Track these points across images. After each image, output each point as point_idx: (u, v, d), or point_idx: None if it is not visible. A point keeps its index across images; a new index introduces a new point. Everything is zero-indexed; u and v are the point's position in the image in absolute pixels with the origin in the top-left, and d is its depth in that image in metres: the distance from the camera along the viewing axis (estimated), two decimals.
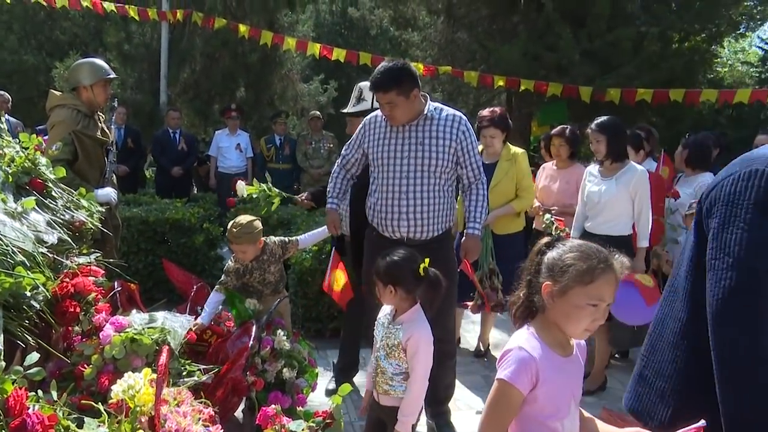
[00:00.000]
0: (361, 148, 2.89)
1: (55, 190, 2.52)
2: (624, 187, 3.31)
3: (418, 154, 2.71)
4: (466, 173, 2.82)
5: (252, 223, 2.89)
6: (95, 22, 12.52)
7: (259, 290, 2.98)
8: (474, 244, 2.86)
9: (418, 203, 2.71)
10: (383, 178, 2.76)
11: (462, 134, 2.75)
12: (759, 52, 18.03)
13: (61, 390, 1.70)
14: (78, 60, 3.70)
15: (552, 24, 7.89)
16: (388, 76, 2.62)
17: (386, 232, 2.78)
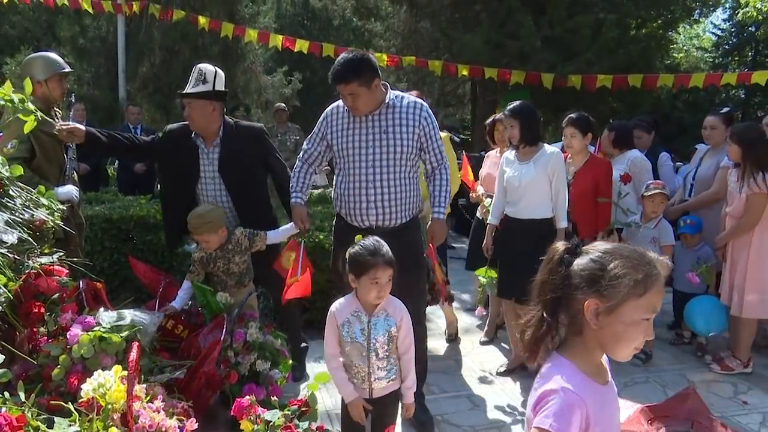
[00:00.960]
0: (324, 141, 2.88)
1: (13, 189, 2.45)
2: (542, 169, 3.31)
3: (383, 143, 2.72)
4: (429, 159, 2.86)
5: (211, 212, 2.90)
6: (47, 16, 12.12)
7: (223, 280, 2.96)
8: (440, 228, 2.88)
9: (386, 191, 2.73)
10: (349, 168, 2.76)
11: (424, 120, 2.78)
12: (712, 37, 18.62)
13: (28, 391, 1.68)
14: (30, 54, 3.58)
15: (513, 11, 8.00)
16: (348, 67, 2.62)
17: (355, 221, 2.79)
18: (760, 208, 3.43)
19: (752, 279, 3.49)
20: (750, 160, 3.45)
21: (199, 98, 3.00)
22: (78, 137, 2.97)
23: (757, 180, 3.40)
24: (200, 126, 3.08)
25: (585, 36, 7.91)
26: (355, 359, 2.07)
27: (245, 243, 3.00)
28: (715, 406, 3.11)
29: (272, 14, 14.30)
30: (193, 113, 3.03)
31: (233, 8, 11.04)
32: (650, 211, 3.75)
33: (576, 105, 8.06)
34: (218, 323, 2.53)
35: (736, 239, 3.56)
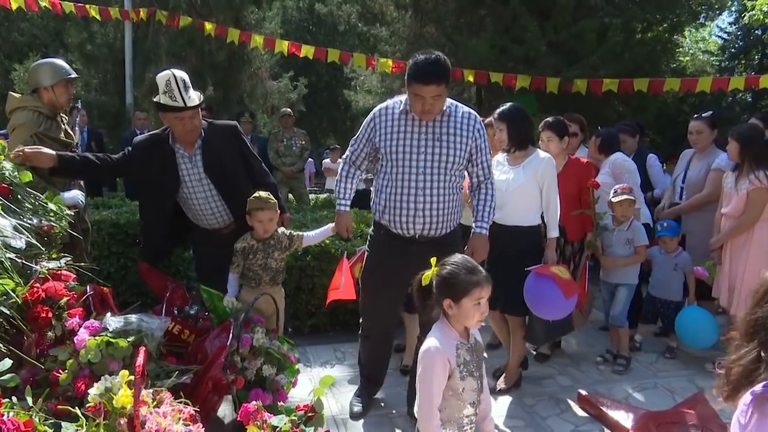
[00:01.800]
0: (371, 143, 2.77)
1: (22, 195, 2.47)
2: (531, 174, 3.22)
3: (435, 150, 2.64)
4: (476, 171, 2.79)
5: (269, 195, 2.93)
6: (55, 23, 12.23)
7: (259, 275, 2.96)
8: (482, 244, 2.78)
9: (434, 199, 2.65)
10: (398, 173, 2.67)
11: (477, 132, 2.72)
12: (718, 41, 18.55)
13: (36, 396, 1.68)
14: (37, 61, 3.61)
15: (518, 16, 7.99)
16: (440, 68, 2.52)
17: (399, 229, 2.72)
18: (761, 203, 3.44)
19: (752, 277, 3.48)
20: (748, 157, 3.48)
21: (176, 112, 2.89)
22: (44, 162, 2.79)
23: (758, 176, 3.41)
24: (194, 134, 2.99)
25: (590, 40, 7.89)
26: (468, 398, 1.79)
27: (285, 242, 3.02)
28: (724, 412, 3.08)
29: (278, 20, 14.39)
30: (195, 122, 2.94)
31: (239, 14, 11.12)
32: (620, 215, 3.74)
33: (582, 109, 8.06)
34: (225, 328, 2.53)
35: (735, 238, 3.55)
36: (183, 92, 2.86)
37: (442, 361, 1.72)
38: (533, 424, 3.01)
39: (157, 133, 3.10)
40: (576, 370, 3.73)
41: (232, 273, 2.96)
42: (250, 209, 2.89)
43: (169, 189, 3.06)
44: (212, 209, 3.11)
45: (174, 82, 2.83)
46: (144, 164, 3.04)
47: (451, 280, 1.78)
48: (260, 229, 2.91)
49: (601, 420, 3.02)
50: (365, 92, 12.70)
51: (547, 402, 3.26)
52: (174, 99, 2.85)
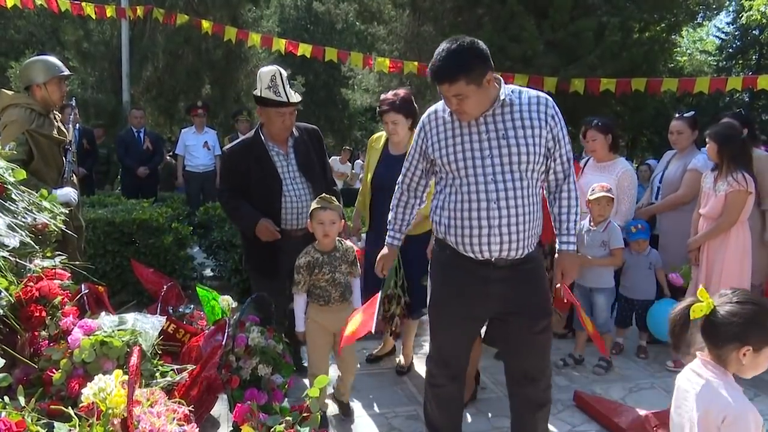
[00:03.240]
0: (425, 156, 2.31)
1: (15, 193, 2.45)
2: None
3: (502, 151, 2.14)
4: (555, 168, 2.25)
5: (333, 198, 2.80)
6: (51, 20, 12.18)
7: (327, 291, 2.74)
8: (572, 263, 2.28)
9: (511, 212, 2.14)
10: (461, 184, 2.18)
11: (552, 119, 2.19)
12: (716, 41, 18.60)
13: (29, 396, 1.67)
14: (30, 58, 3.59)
15: (516, 15, 8.00)
16: (454, 63, 2.05)
17: (469, 251, 2.19)
18: (740, 205, 3.44)
19: (729, 278, 3.48)
20: (726, 157, 3.47)
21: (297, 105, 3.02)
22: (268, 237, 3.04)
23: (737, 177, 3.41)
24: (288, 131, 3.06)
25: (588, 39, 7.90)
26: None
27: (351, 256, 2.82)
28: None
29: (275, 18, 14.36)
30: (293, 119, 3.01)
31: (236, 12, 11.09)
32: (597, 214, 3.67)
33: (579, 109, 8.07)
34: (220, 327, 2.52)
35: (713, 239, 3.54)
36: (287, 88, 2.93)
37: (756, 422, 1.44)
38: None
39: (245, 138, 3.13)
40: (572, 370, 3.72)
41: (297, 294, 2.74)
42: (313, 210, 2.72)
43: (274, 189, 3.05)
44: (304, 208, 3.07)
45: (279, 77, 2.89)
46: (244, 173, 3.05)
47: (759, 322, 1.45)
48: (320, 232, 2.69)
49: (598, 420, 3.02)
50: (363, 91, 12.69)
51: None
52: (278, 94, 2.90)
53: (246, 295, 3.29)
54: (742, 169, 3.43)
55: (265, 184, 3.04)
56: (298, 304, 2.77)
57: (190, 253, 5.00)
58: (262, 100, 2.96)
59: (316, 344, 2.81)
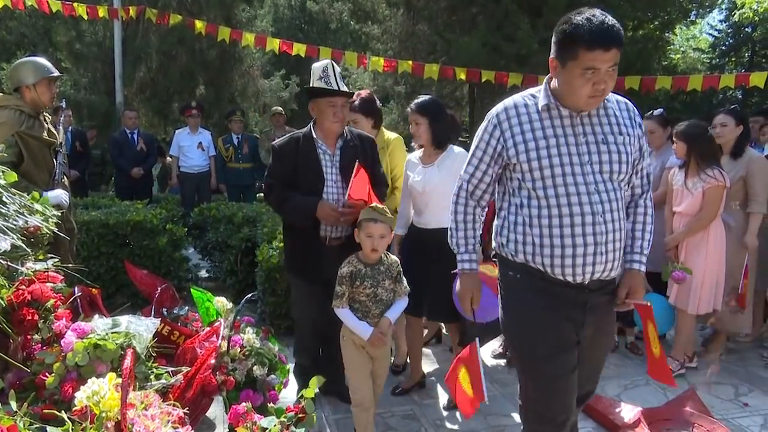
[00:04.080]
0: (500, 159, 1.96)
1: (6, 195, 2.43)
2: (447, 172, 2.98)
3: (602, 157, 1.87)
4: (635, 182, 2.02)
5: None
6: (43, 21, 12.12)
7: (367, 307, 2.53)
8: (640, 283, 2.02)
9: (615, 227, 1.88)
10: (556, 196, 1.86)
11: (639, 127, 1.98)
12: (709, 38, 18.68)
13: (21, 400, 1.65)
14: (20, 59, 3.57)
15: (510, 14, 8.00)
16: (615, 27, 1.76)
17: (564, 274, 1.88)
18: (718, 201, 3.47)
19: (710, 275, 3.52)
20: (695, 155, 3.51)
21: (350, 96, 2.95)
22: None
23: (713, 174, 3.44)
24: (340, 127, 2.92)
25: None
26: None
27: (395, 271, 2.58)
28: (715, 408, 3.10)
29: (269, 18, 14.33)
30: (345, 112, 2.91)
31: (230, 12, 11.05)
32: None
33: None
34: (214, 329, 2.50)
35: (692, 236, 3.56)
36: (339, 79, 2.85)
37: None
38: None
39: (296, 132, 3.03)
40: None
41: (340, 308, 2.52)
42: (362, 220, 2.51)
43: (316, 187, 2.88)
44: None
45: (331, 68, 2.84)
46: (291, 167, 2.92)
47: None
48: (368, 246, 2.48)
49: (594, 417, 3.02)
50: (357, 90, 12.67)
51: None
52: (329, 84, 2.83)
53: (241, 296, 3.28)
54: (714, 165, 3.47)
55: (308, 181, 2.89)
56: (347, 317, 2.52)
57: (184, 255, 4.99)
58: (313, 90, 2.88)
59: (355, 365, 2.58)
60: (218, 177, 7.14)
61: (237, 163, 7.18)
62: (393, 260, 2.59)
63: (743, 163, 3.72)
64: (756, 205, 3.68)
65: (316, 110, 2.92)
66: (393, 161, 3.50)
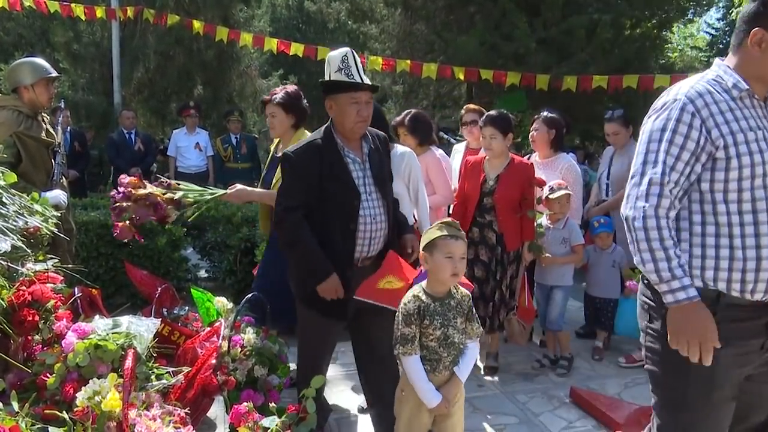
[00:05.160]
0: (704, 154, 1.61)
1: (6, 196, 2.43)
2: (395, 172, 2.83)
3: None
4: None
5: None
6: (41, 22, 12.08)
7: (437, 354, 2.05)
8: None
9: None
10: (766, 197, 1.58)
11: None
12: (706, 36, 18.73)
13: (23, 401, 1.65)
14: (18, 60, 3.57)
15: (507, 13, 8.00)
16: None
17: (752, 291, 1.58)
18: None
19: None
20: None
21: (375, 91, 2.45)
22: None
23: None
24: (364, 128, 2.45)
25: (579, 37, 7.91)
26: None
27: (465, 306, 2.13)
28: None
29: (267, 18, 14.31)
30: (369, 110, 2.42)
31: (228, 12, 11.02)
32: (558, 212, 3.62)
33: (571, 106, 8.07)
34: (215, 329, 2.50)
35: None
36: (361, 71, 2.39)
37: None
38: (526, 421, 3.01)
39: (312, 138, 2.45)
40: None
41: (410, 355, 2.02)
42: (436, 239, 2.04)
43: (351, 205, 2.39)
44: (376, 230, 2.45)
45: (352, 58, 2.37)
46: (314, 183, 2.37)
47: None
48: (448, 270, 2.02)
49: (594, 415, 3.03)
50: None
51: (540, 398, 3.27)
52: (351, 76, 2.36)
53: (241, 296, 3.28)
54: None
55: (340, 199, 2.38)
56: (415, 371, 2.02)
57: (184, 255, 4.98)
58: (332, 84, 2.38)
59: (413, 428, 2.10)
60: (216, 177, 7.14)
61: (235, 163, 7.17)
62: (464, 293, 2.15)
63: None
64: None
65: (335, 108, 2.41)
66: None
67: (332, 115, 2.44)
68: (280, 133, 3.17)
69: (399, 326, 2.05)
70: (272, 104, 3.10)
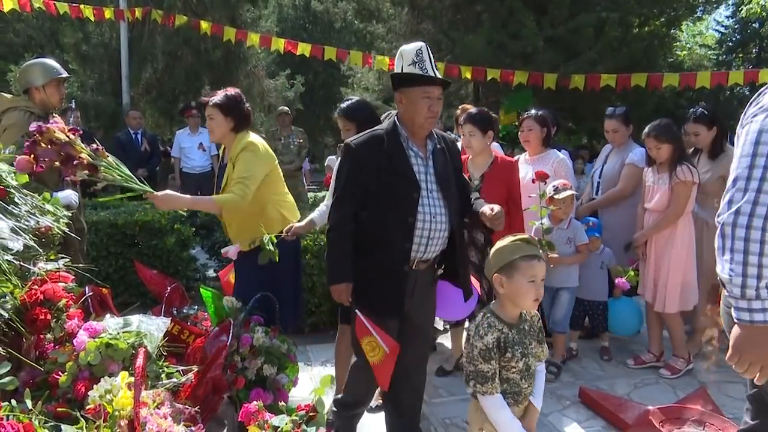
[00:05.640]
0: None
1: (18, 196, 2.45)
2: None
3: None
4: None
5: None
6: (50, 23, 12.19)
7: (518, 387, 1.92)
8: None
9: None
10: None
11: None
12: (716, 35, 18.57)
13: (35, 399, 1.67)
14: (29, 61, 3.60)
15: (515, 12, 7.98)
16: None
17: None
18: (685, 198, 3.45)
19: (676, 273, 3.50)
20: (677, 155, 3.47)
21: (447, 87, 2.40)
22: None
23: (683, 170, 3.42)
24: (433, 124, 2.40)
25: (587, 35, 7.89)
26: None
27: (537, 326, 2.01)
28: (727, 407, 3.08)
29: (274, 18, 14.35)
30: (440, 106, 2.37)
31: (235, 13, 11.08)
32: (563, 212, 3.59)
33: (579, 105, 8.04)
34: (224, 328, 2.51)
35: (660, 233, 3.54)
36: (434, 66, 2.33)
37: None
38: None
39: (375, 130, 2.42)
40: (577, 366, 3.72)
41: (491, 395, 1.85)
42: (516, 259, 1.87)
43: (410, 198, 2.31)
44: (436, 230, 2.36)
45: (426, 52, 2.31)
46: (371, 174, 2.32)
47: None
48: (531, 295, 1.86)
49: (603, 416, 3.01)
50: (362, 90, 12.69)
51: (549, 398, 3.25)
52: (425, 70, 2.30)
53: None
54: (686, 162, 3.46)
55: (397, 191, 2.32)
56: (499, 410, 1.85)
57: (192, 254, 5.01)
58: (404, 78, 2.32)
59: None
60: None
61: None
62: (533, 313, 2.00)
63: (722, 163, 3.65)
64: None
65: (405, 102, 2.36)
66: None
67: (401, 109, 2.40)
68: (219, 137, 2.98)
69: (474, 362, 1.84)
70: (210, 106, 2.94)
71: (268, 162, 2.96)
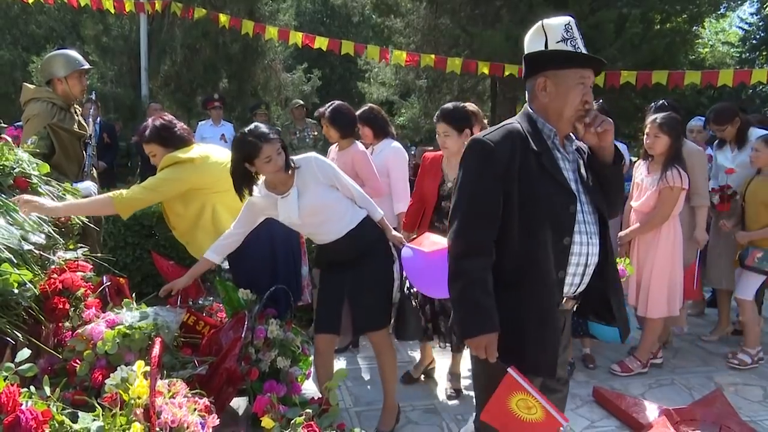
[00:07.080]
0: None
1: (41, 187, 2.49)
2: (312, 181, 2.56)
3: None
4: None
5: None
6: (71, 15, 12.32)
7: None
8: None
9: None
10: None
11: None
12: (739, 32, 18.20)
13: (53, 386, 1.70)
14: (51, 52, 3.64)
15: (534, 7, 7.91)
16: None
17: None
18: (672, 202, 3.37)
19: (659, 277, 3.42)
20: (673, 152, 3.39)
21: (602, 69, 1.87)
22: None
23: (672, 173, 3.33)
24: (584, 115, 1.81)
25: (608, 31, 7.79)
26: None
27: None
28: (743, 410, 3.04)
29: (292, 12, 14.35)
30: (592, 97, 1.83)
31: (253, 6, 11.10)
32: None
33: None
34: (239, 320, 2.53)
35: (643, 235, 3.47)
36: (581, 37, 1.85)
37: None
38: None
39: (509, 125, 1.79)
40: (590, 366, 3.69)
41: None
42: None
43: (565, 214, 1.73)
44: (591, 254, 1.80)
45: (576, 29, 1.85)
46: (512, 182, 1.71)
47: None
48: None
49: (617, 416, 2.99)
50: (379, 84, 12.65)
51: None
52: (578, 49, 1.83)
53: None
54: (677, 164, 3.36)
55: (552, 204, 1.72)
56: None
57: None
58: (553, 57, 1.80)
59: None
60: None
61: None
62: None
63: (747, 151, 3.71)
64: (699, 198, 3.59)
65: (552, 89, 1.80)
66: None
67: (544, 97, 1.80)
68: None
69: None
70: (147, 144, 3.04)
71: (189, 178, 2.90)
